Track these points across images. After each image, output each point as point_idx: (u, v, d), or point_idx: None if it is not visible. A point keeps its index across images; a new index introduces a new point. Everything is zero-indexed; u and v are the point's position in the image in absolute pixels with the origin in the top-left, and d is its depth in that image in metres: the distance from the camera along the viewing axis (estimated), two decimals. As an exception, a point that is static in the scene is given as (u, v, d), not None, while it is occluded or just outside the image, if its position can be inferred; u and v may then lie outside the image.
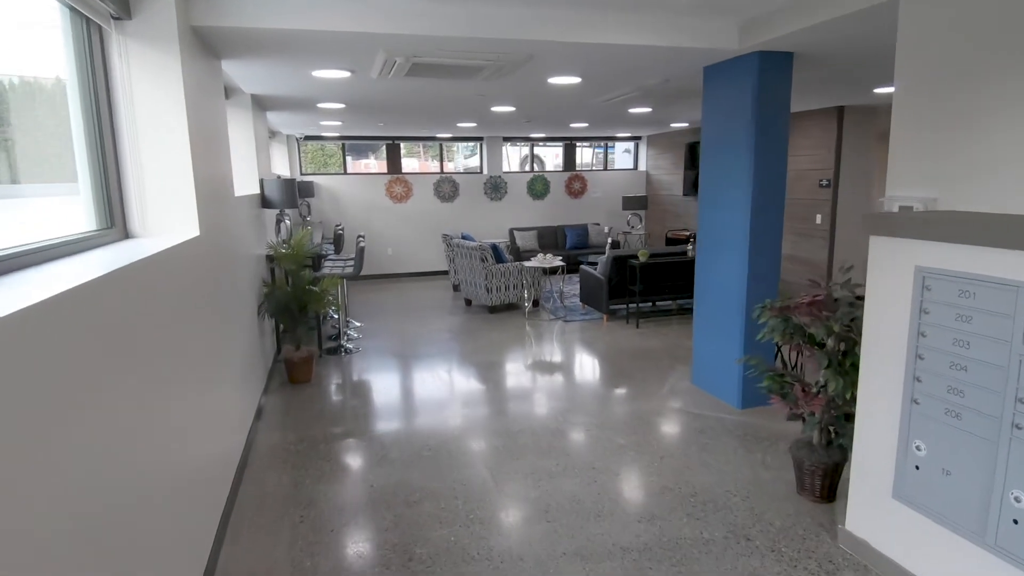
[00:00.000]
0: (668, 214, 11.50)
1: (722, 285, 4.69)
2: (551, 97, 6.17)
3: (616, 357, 5.94)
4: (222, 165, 3.89)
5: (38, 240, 2.18)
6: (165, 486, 2.27)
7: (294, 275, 5.25)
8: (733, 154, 4.48)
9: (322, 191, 10.60)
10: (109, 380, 1.82)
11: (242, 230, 4.51)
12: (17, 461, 1.29)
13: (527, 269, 7.95)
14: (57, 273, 1.87)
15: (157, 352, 2.30)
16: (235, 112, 5.59)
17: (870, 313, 2.75)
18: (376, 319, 7.77)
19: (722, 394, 4.79)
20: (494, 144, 11.31)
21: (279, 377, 5.49)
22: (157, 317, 2.34)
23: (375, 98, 6.06)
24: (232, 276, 3.93)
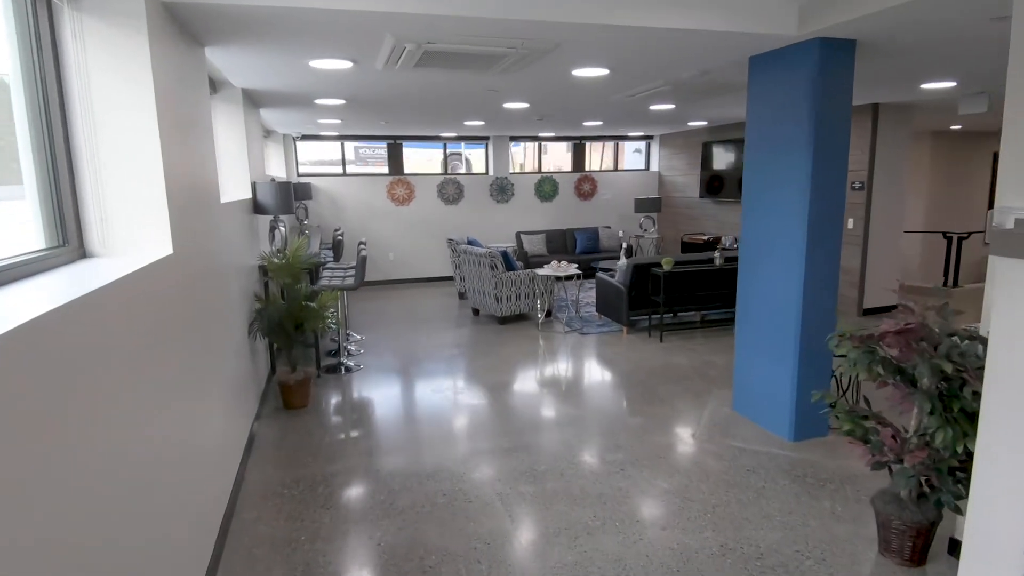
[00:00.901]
0: (682, 217, 10.99)
1: (771, 301, 4.17)
2: (570, 92, 5.65)
3: (643, 377, 5.42)
4: (205, 168, 3.37)
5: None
6: (133, 556, 1.74)
7: (289, 289, 4.72)
8: (786, 154, 3.97)
9: (320, 193, 10.07)
10: (48, 424, 1.29)
11: (230, 241, 3.99)
12: None
13: (539, 277, 7.43)
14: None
15: (118, 390, 1.78)
16: (224, 109, 5.06)
17: (997, 350, 2.23)
18: (378, 331, 7.24)
19: (771, 424, 4.27)
20: (500, 144, 10.79)
21: (273, 401, 4.96)
22: (118, 352, 1.82)
23: (379, 94, 5.54)
24: (217, 294, 3.40)
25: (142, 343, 2.11)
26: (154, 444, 2.15)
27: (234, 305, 4.00)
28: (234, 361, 3.85)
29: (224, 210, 3.86)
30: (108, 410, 1.77)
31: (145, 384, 2.10)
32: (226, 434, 3.42)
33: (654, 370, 5.60)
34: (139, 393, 2.04)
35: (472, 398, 4.98)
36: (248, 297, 4.60)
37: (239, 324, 4.15)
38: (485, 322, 7.60)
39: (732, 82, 5.27)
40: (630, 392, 5.06)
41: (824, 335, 4.05)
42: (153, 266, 2.31)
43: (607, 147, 11.96)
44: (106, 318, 1.82)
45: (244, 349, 4.28)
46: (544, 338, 6.80)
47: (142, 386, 2.07)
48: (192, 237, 2.88)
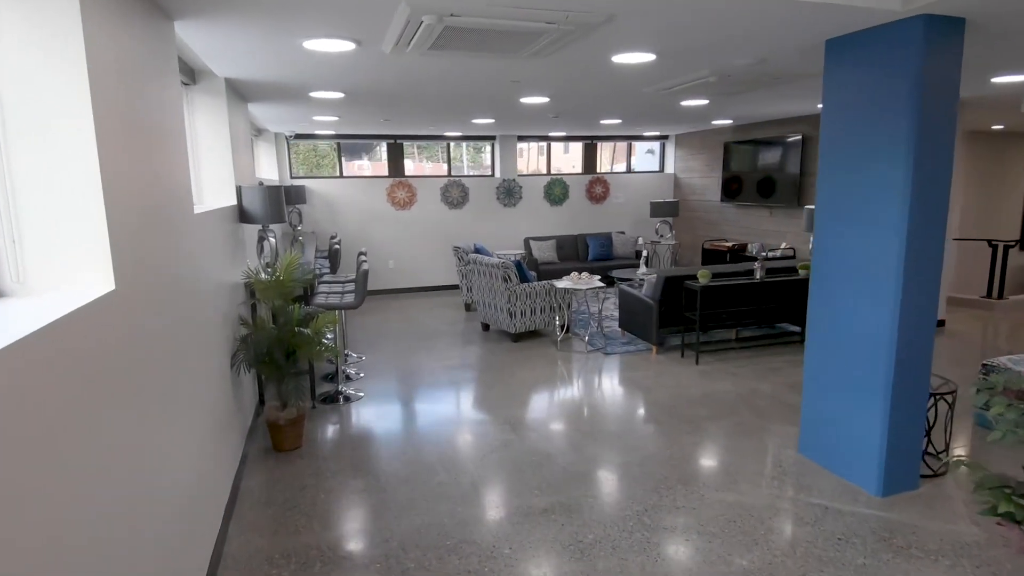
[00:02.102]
0: (701, 222, 10.34)
1: (855, 329, 3.51)
2: (600, 83, 4.98)
3: (686, 409, 4.75)
4: (173, 174, 2.68)
5: None
6: None
7: (279, 312, 4.04)
8: (877, 156, 3.31)
9: (315, 197, 9.37)
10: None
11: (206, 258, 3.30)
12: None
13: (557, 290, 6.76)
14: None
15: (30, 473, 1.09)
16: (204, 102, 4.37)
17: None
18: (379, 349, 6.55)
19: (851, 473, 3.61)
20: (508, 144, 10.11)
21: (261, 440, 4.27)
22: (29, 423, 1.14)
23: (382, 86, 4.85)
24: (186, 326, 2.71)
25: (66, 409, 1.42)
26: (100, 526, 1.47)
27: (212, 334, 3.31)
28: (212, 401, 3.16)
29: (200, 222, 3.17)
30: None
31: (74, 460, 1.42)
32: (203, 491, 2.73)
33: (695, 400, 4.93)
34: (68, 471, 1.36)
35: (492, 437, 4.29)
36: (231, 322, 3.91)
37: (219, 355, 3.46)
38: (496, 339, 6.92)
39: (786, 73, 4.62)
40: (675, 429, 4.39)
41: (921, 370, 3.39)
42: (86, 310, 1.62)
43: (619, 147, 11.30)
44: (19, 378, 1.14)
45: (226, 384, 3.59)
46: (564, 359, 6.13)
47: (71, 461, 1.39)
48: (147, 263, 2.19)
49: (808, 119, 8.00)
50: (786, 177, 8.33)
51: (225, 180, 4.45)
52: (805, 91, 5.75)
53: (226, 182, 4.45)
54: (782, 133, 8.41)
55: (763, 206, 8.89)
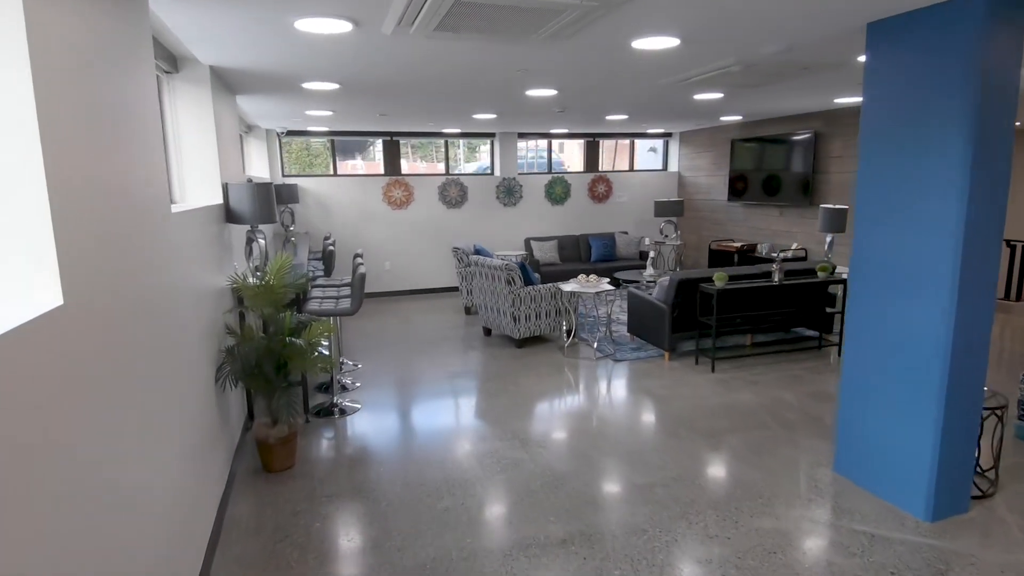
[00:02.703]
0: (706, 222, 10.05)
1: (902, 338, 3.21)
2: (614, 73, 4.67)
3: (708, 422, 4.44)
4: (146, 169, 2.35)
5: None
6: None
7: (270, 320, 3.70)
8: (925, 149, 3.00)
9: (308, 196, 9.02)
10: None
11: (186, 261, 2.96)
12: None
13: (564, 294, 6.44)
14: None
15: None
16: (187, 92, 4.03)
17: None
18: (376, 356, 6.22)
19: (895, 495, 3.31)
20: (508, 141, 9.79)
21: (250, 459, 3.94)
22: None
23: (381, 76, 4.52)
24: (161, 339, 2.38)
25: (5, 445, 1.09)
26: None
27: (193, 345, 2.98)
28: (194, 420, 2.82)
29: (178, 223, 2.84)
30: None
31: (25, 498, 1.09)
32: (183, 520, 2.40)
33: (717, 411, 4.62)
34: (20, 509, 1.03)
35: (501, 455, 3.97)
36: (217, 332, 3.57)
37: (202, 369, 3.13)
38: (499, 344, 6.60)
39: (813, 63, 4.32)
40: (698, 445, 4.08)
41: (975, 384, 3.09)
42: (21, 331, 1.29)
43: (620, 145, 11.00)
44: None
45: (209, 400, 3.26)
46: (572, 366, 5.81)
47: (21, 499, 1.06)
48: (108, 271, 1.86)
49: (821, 115, 7.72)
50: (797, 175, 8.04)
51: (210, 177, 4.11)
52: (823, 85, 5.46)
53: (211, 179, 4.12)
54: (793, 130, 8.13)
55: (772, 205, 8.60)
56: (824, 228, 6.81)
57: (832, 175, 7.68)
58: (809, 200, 7.90)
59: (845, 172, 7.50)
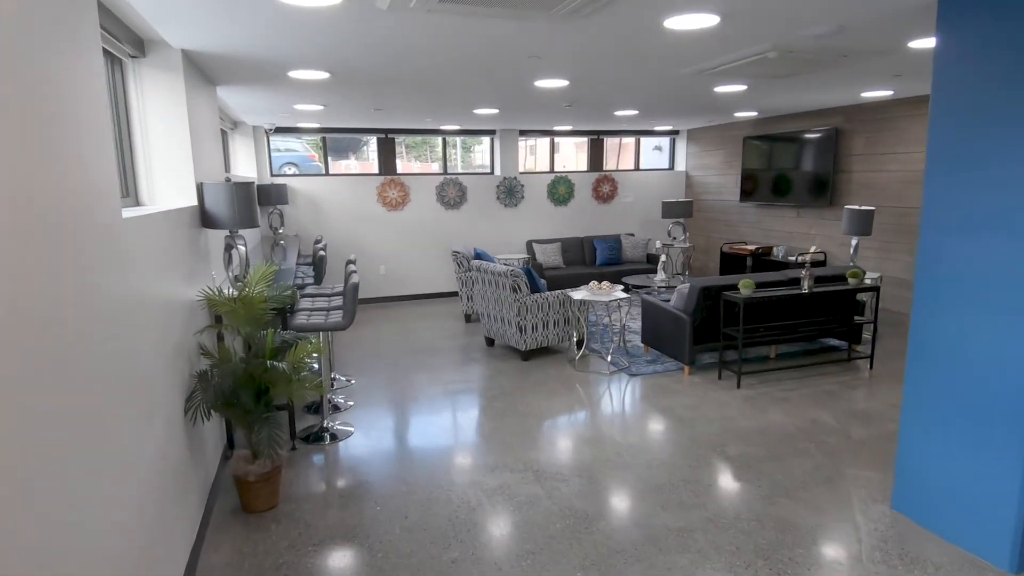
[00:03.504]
0: (717, 223, 9.62)
1: (987, 362, 2.76)
2: (634, 60, 4.23)
3: (743, 448, 3.99)
4: (87, 167, 1.88)
5: None
6: None
7: (250, 339, 3.23)
8: (1020, 144, 2.56)
9: (298, 197, 8.53)
10: None
11: (144, 274, 2.49)
12: None
13: (573, 301, 5.99)
14: None
15: None
16: (156, 79, 3.55)
17: None
18: (370, 370, 5.75)
19: (970, 540, 2.87)
20: (509, 139, 9.33)
21: (228, 496, 3.46)
22: None
23: (376, 63, 4.06)
24: (106, 367, 1.91)
25: None
26: None
27: (154, 372, 2.51)
28: (156, 460, 2.35)
29: (133, 229, 2.37)
30: None
31: None
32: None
33: (749, 435, 4.17)
34: None
35: (514, 490, 3.51)
36: (187, 354, 3.10)
37: (168, 399, 2.66)
38: (503, 356, 6.14)
39: (858, 49, 3.89)
40: (736, 477, 3.63)
41: (1072, 417, 2.65)
42: None
43: (624, 143, 10.56)
44: None
45: (176, 433, 2.79)
46: (584, 381, 5.35)
47: None
48: (31, 289, 1.39)
49: (842, 111, 7.30)
50: (815, 175, 7.62)
51: (183, 176, 3.63)
52: (855, 76, 5.03)
53: (184, 178, 3.64)
54: (811, 126, 7.71)
55: (789, 206, 8.18)
56: (849, 231, 6.39)
57: (854, 174, 7.26)
58: (829, 201, 7.48)
59: (869, 171, 7.08)
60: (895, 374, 5.36)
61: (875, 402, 4.74)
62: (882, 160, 6.90)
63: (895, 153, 6.76)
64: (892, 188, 6.84)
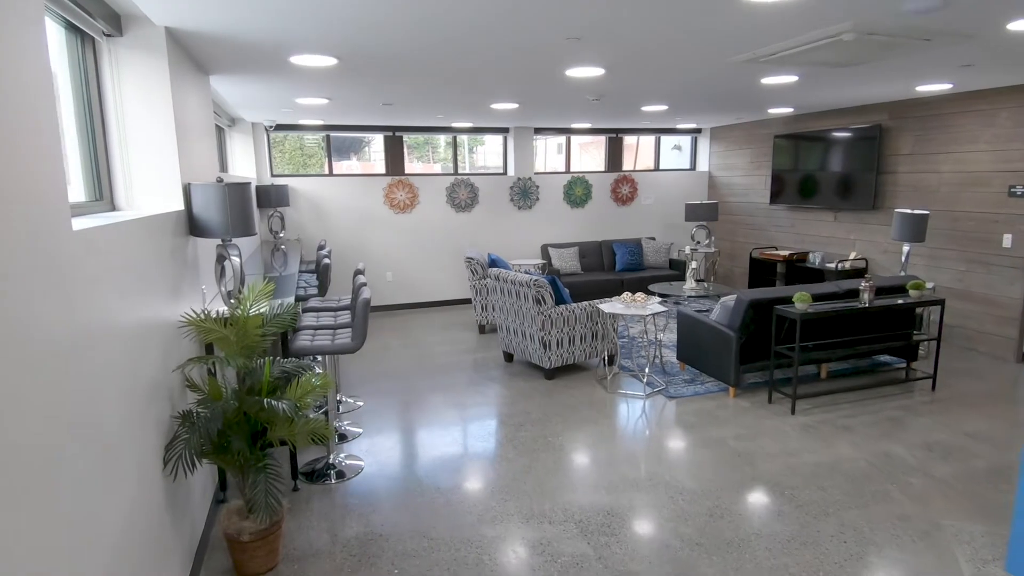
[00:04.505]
0: (743, 227, 9.09)
1: None
2: (684, 43, 3.70)
3: (813, 492, 3.45)
4: (22, 170, 1.35)
5: None
6: None
7: (243, 372, 2.70)
8: None
9: (300, 198, 8.00)
10: None
11: (108, 296, 1.96)
12: None
13: (603, 314, 5.46)
14: None
15: None
16: (135, 62, 3.02)
17: None
18: (380, 390, 5.22)
19: None
20: (523, 137, 8.80)
21: (219, 556, 2.93)
22: None
23: (390, 41, 3.53)
24: (54, 410, 1.38)
25: None
26: None
27: (122, 413, 1.98)
28: (124, 523, 1.82)
29: (87, 243, 1.84)
30: None
31: None
32: None
33: (819, 474, 3.63)
34: None
35: (555, 547, 2.97)
36: (167, 390, 2.57)
37: (141, 446, 2.13)
38: (524, 374, 5.61)
39: (945, 31, 3.35)
40: (817, 531, 3.09)
41: None
42: None
43: (643, 142, 10.02)
44: None
45: (152, 487, 2.26)
46: (619, 405, 4.82)
47: None
48: None
49: (887, 106, 6.76)
50: (856, 176, 7.08)
51: (166, 176, 3.10)
52: (919, 66, 4.51)
53: (168, 179, 3.11)
54: (851, 123, 7.17)
55: (825, 209, 7.64)
56: (899, 236, 5.86)
57: (900, 175, 6.72)
58: (871, 204, 6.94)
59: (917, 172, 6.54)
60: (962, 397, 4.83)
61: (949, 431, 4.20)
62: (933, 160, 6.37)
63: (948, 152, 6.22)
64: (944, 191, 6.31)
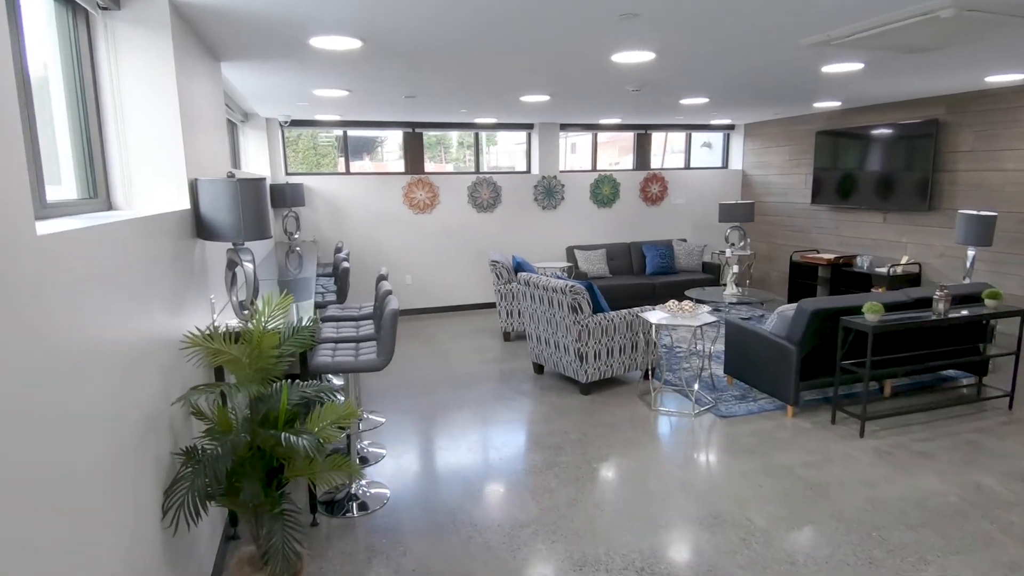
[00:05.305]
0: (781, 228, 8.61)
1: None
2: (751, 22, 3.27)
3: (903, 533, 3.01)
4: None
5: None
6: None
7: (257, 400, 2.31)
8: None
9: (315, 197, 7.64)
10: None
11: (88, 312, 1.57)
12: None
13: (644, 323, 5.04)
14: None
15: None
16: (135, 39, 2.65)
17: None
18: (402, 405, 4.82)
19: None
20: (549, 133, 8.39)
21: (227, 605, 2.55)
22: None
23: (421, 20, 3.13)
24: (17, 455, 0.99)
25: None
26: None
27: (106, 465, 1.59)
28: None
29: (58, 250, 1.45)
30: None
31: None
32: None
33: (908, 511, 3.19)
34: None
35: (615, 599, 2.56)
36: (168, 421, 2.18)
37: (134, 495, 1.74)
38: (557, 388, 5.19)
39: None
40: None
41: None
42: None
43: (672, 139, 9.57)
44: None
45: (149, 540, 1.87)
46: (665, 425, 4.39)
47: None
48: None
49: (944, 99, 6.28)
50: (908, 174, 6.60)
51: (170, 171, 2.72)
52: (991, 55, 4.05)
53: (172, 174, 2.73)
54: (902, 118, 6.69)
55: (873, 210, 7.16)
56: (964, 240, 5.38)
57: (959, 173, 6.24)
58: (927, 205, 6.46)
59: (979, 170, 6.06)
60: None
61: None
62: (998, 157, 5.88)
63: (1015, 149, 5.74)
64: (1010, 191, 5.83)
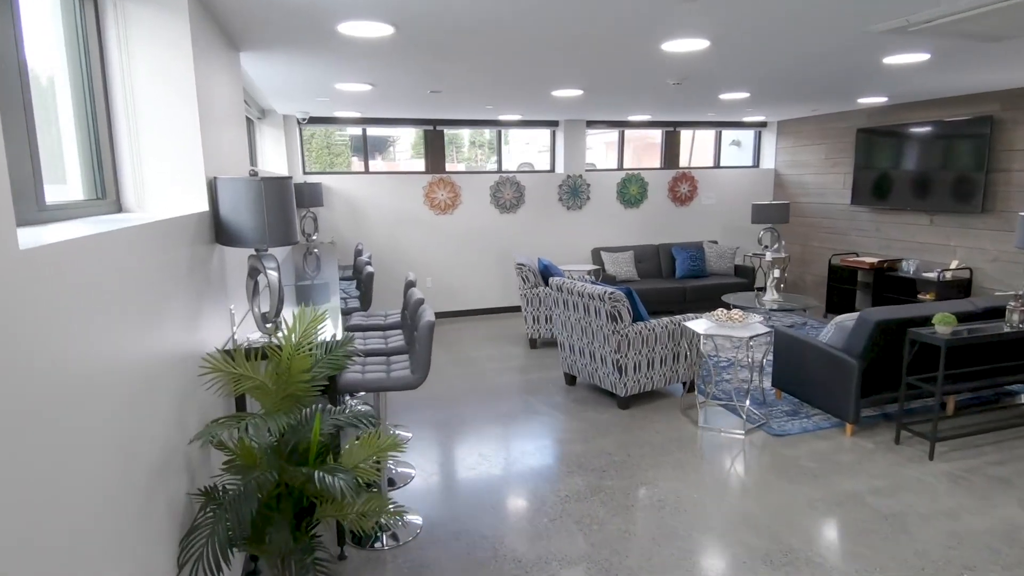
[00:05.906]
0: (817, 230, 8.25)
1: None
2: (820, 5, 2.95)
3: (995, 570, 2.69)
4: None
5: None
6: None
7: (284, 431, 2.03)
8: None
9: (333, 197, 7.38)
10: None
11: (87, 334, 1.29)
12: None
13: (688, 332, 4.72)
14: None
15: None
16: (147, 22, 2.38)
17: None
18: (427, 420, 4.54)
19: None
20: (574, 131, 8.08)
21: (249, 656, 2.27)
22: None
23: (463, 7, 2.84)
24: None
25: None
26: None
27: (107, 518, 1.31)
28: None
29: (47, 265, 1.17)
30: None
31: None
32: None
33: (998, 547, 2.86)
34: None
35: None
36: (182, 461, 1.91)
37: (141, 546, 1.47)
38: (592, 401, 4.88)
39: None
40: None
41: None
42: None
43: (700, 137, 9.23)
44: None
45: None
46: (715, 444, 4.08)
47: None
48: None
49: (998, 95, 5.91)
50: (959, 174, 6.23)
51: (187, 170, 2.45)
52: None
53: (190, 173, 2.46)
54: (951, 115, 6.32)
55: (919, 211, 6.79)
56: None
57: (1014, 173, 5.87)
58: (979, 206, 6.09)
59: (1040, 169, 5.68)
60: None
61: None
62: (1062, 155, 5.51)
63: (1082, 146, 5.37)
64: (1074, 190, 5.45)
